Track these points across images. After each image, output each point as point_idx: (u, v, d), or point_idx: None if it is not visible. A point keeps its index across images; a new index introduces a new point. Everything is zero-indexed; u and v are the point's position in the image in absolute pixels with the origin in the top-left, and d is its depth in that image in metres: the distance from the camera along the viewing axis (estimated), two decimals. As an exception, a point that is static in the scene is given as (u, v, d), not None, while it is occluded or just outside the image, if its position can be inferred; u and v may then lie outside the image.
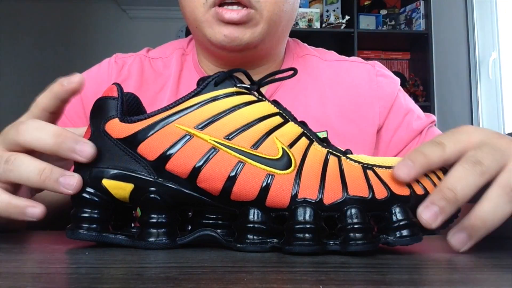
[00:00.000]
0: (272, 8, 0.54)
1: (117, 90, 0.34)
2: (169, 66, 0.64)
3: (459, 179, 0.29)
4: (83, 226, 0.32)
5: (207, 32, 0.54)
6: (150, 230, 0.32)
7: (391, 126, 0.62)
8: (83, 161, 0.32)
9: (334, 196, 0.30)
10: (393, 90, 0.64)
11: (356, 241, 0.29)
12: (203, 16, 0.53)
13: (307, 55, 0.67)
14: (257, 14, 0.53)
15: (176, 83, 0.62)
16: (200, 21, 0.54)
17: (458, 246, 0.30)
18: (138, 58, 0.65)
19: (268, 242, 0.31)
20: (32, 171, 0.33)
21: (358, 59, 0.68)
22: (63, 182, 0.32)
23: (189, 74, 0.63)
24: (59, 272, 0.25)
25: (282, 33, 0.60)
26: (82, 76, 0.36)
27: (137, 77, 0.63)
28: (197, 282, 0.21)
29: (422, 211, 0.29)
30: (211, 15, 0.53)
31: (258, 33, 0.54)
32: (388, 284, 0.21)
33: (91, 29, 3.26)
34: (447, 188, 0.29)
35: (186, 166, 0.31)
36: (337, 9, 2.48)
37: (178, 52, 0.66)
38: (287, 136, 0.32)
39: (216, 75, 0.33)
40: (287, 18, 0.58)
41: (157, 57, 0.66)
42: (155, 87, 0.63)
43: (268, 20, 0.54)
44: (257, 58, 0.60)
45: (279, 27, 0.57)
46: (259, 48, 0.57)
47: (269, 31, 0.55)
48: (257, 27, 0.54)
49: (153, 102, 0.61)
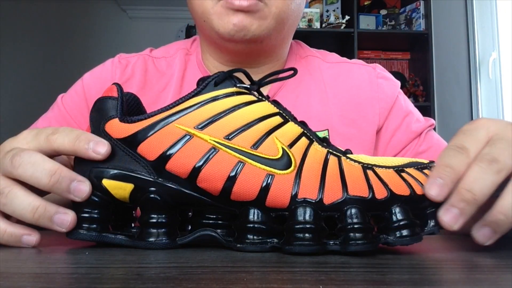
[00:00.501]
0: (280, 5, 0.55)
1: (117, 90, 0.34)
2: (172, 65, 0.65)
3: (476, 180, 0.29)
4: (83, 226, 0.32)
5: (215, 24, 0.55)
6: (150, 230, 0.32)
7: (391, 128, 0.63)
8: (79, 201, 0.32)
9: (334, 196, 0.30)
10: (394, 92, 0.65)
11: (356, 241, 0.29)
12: (212, 8, 0.55)
13: (309, 56, 0.68)
14: (265, 8, 0.54)
15: (179, 82, 0.63)
16: (209, 14, 0.55)
17: (483, 240, 0.30)
18: (141, 58, 0.66)
19: (268, 242, 0.31)
20: (25, 208, 0.32)
21: (359, 62, 0.69)
22: (57, 221, 0.32)
23: (193, 73, 0.64)
24: (59, 272, 0.25)
25: (287, 32, 0.61)
26: (110, 148, 0.32)
27: (141, 77, 0.63)
28: (197, 282, 0.21)
29: (443, 214, 0.29)
30: (221, 5, 0.54)
31: (265, 27, 0.55)
32: (388, 284, 0.21)
33: (91, 29, 3.26)
34: (465, 190, 0.29)
35: (186, 166, 0.31)
36: (337, 9, 2.48)
37: (181, 52, 0.66)
38: (287, 136, 0.32)
39: (216, 75, 0.33)
40: (293, 18, 0.59)
41: (161, 56, 0.66)
42: (158, 86, 0.63)
43: (276, 17, 0.55)
44: (262, 54, 0.61)
45: (285, 25, 0.58)
46: (264, 43, 0.58)
47: (275, 27, 0.56)
48: (265, 21, 0.55)
49: (157, 101, 0.61)
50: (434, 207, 0.31)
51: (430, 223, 0.31)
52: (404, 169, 0.31)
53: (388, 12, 2.59)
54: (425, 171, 0.32)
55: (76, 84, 0.65)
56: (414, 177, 0.31)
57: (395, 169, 0.31)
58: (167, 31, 3.27)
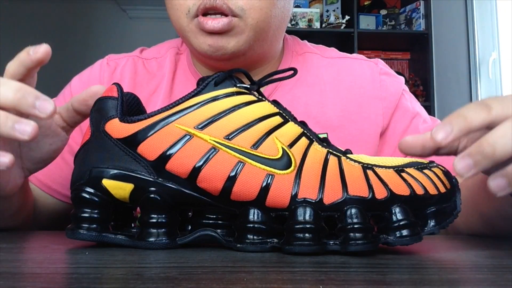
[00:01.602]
0: (257, 15, 0.52)
1: (117, 90, 0.34)
2: (163, 66, 0.63)
3: (502, 137, 0.29)
4: (83, 226, 0.32)
5: (192, 42, 0.53)
6: (150, 230, 0.32)
7: (398, 130, 0.60)
8: (43, 117, 0.32)
9: (334, 196, 0.30)
10: (397, 89, 0.62)
11: (356, 241, 0.29)
12: (187, 26, 0.53)
13: (306, 53, 0.65)
14: (241, 22, 0.51)
15: (170, 84, 0.61)
16: (185, 31, 0.54)
17: (496, 190, 0.30)
18: (131, 60, 0.64)
19: (268, 242, 0.31)
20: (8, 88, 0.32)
21: (360, 56, 0.66)
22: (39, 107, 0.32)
23: (183, 74, 0.63)
24: (59, 272, 0.25)
25: (274, 37, 0.58)
26: (48, 47, 0.35)
27: (130, 80, 0.62)
28: (197, 282, 0.21)
29: (458, 161, 0.29)
30: (195, 25, 0.52)
31: (244, 41, 0.52)
32: (388, 284, 0.21)
33: (91, 29, 3.26)
34: (487, 143, 0.29)
35: (186, 166, 0.31)
36: (337, 9, 2.48)
37: (172, 51, 0.65)
38: (287, 136, 0.32)
39: (216, 75, 0.33)
40: (278, 23, 0.56)
41: (151, 57, 0.65)
42: (148, 89, 0.62)
43: (254, 28, 0.52)
44: (249, 64, 0.59)
45: (269, 33, 0.55)
46: (248, 55, 0.55)
47: (256, 38, 0.53)
48: (242, 35, 0.52)
49: (147, 104, 0.59)
50: (434, 207, 0.31)
51: (430, 223, 0.31)
52: (404, 169, 0.31)
53: (388, 12, 2.59)
54: (425, 171, 0.32)
55: (65, 89, 0.64)
56: (414, 177, 0.31)
57: (395, 169, 0.31)
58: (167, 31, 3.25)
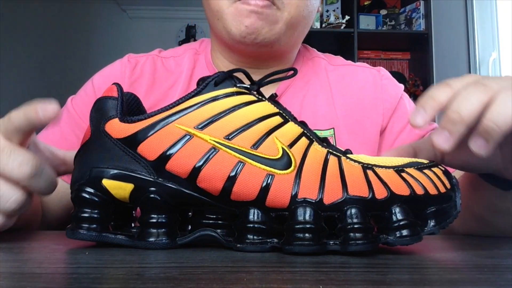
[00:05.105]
0: (293, 11, 0.57)
1: (117, 90, 0.34)
2: (181, 64, 0.66)
3: (462, 100, 0.31)
4: (83, 226, 0.32)
5: (228, 24, 0.56)
6: (150, 230, 0.32)
7: (395, 130, 0.65)
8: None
9: (334, 196, 0.30)
10: (397, 93, 0.67)
11: (356, 241, 0.29)
12: (227, 8, 0.56)
13: (315, 58, 0.70)
14: (278, 12, 0.56)
15: (188, 80, 0.64)
16: (223, 13, 0.57)
17: (478, 150, 0.31)
18: (150, 58, 0.67)
19: (268, 242, 0.31)
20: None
21: (364, 65, 0.71)
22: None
23: (202, 71, 0.65)
24: (59, 272, 0.25)
25: (297, 37, 0.62)
26: (57, 107, 0.34)
27: (150, 76, 0.65)
28: (197, 282, 0.21)
29: (436, 137, 0.31)
30: (234, 7, 0.55)
31: (276, 32, 0.57)
32: (388, 284, 0.21)
33: (91, 29, 3.26)
34: (451, 111, 0.31)
35: (186, 166, 0.31)
36: (337, 9, 2.48)
37: (190, 52, 0.68)
38: (287, 136, 0.32)
39: (216, 75, 0.33)
40: (304, 24, 0.61)
41: (169, 56, 0.68)
42: (167, 84, 0.64)
43: (287, 22, 0.57)
44: (272, 57, 0.62)
45: (296, 31, 0.60)
46: (274, 48, 0.59)
47: (286, 32, 0.58)
48: (276, 25, 0.56)
49: (164, 97, 0.63)
50: (434, 207, 0.31)
51: (430, 223, 0.31)
52: (404, 169, 0.31)
53: (388, 12, 2.59)
54: (425, 171, 0.32)
55: (86, 85, 0.66)
56: (414, 177, 0.31)
57: (395, 169, 0.31)
58: (167, 31, 3.27)
